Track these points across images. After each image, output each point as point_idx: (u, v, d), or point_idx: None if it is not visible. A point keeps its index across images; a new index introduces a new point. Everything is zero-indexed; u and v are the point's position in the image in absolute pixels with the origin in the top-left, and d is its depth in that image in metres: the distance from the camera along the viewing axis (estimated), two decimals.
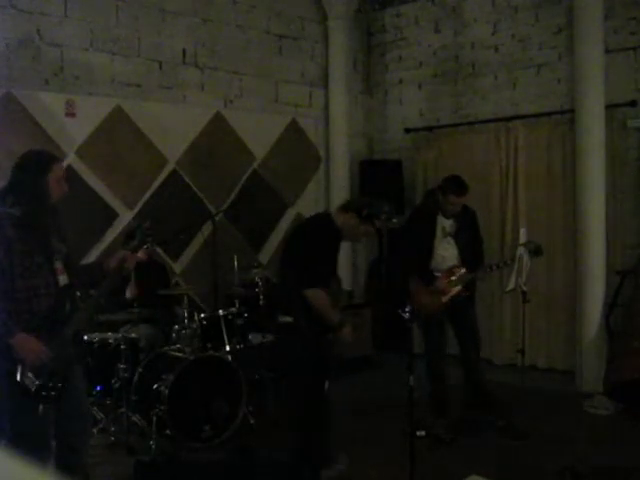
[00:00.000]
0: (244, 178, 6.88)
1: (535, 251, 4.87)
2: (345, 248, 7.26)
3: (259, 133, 6.96)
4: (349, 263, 7.36)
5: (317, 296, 3.77)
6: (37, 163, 3.21)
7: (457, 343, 5.27)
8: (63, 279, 3.22)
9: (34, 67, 5.48)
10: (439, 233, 5.04)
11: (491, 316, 6.82)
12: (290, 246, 4.13)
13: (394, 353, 6.28)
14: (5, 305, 3.04)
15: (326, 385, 3.79)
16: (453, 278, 4.97)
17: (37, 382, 3.06)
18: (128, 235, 5.38)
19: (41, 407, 3.07)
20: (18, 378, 3.02)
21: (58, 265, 3.21)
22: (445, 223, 5.06)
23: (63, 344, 3.16)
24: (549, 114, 6.50)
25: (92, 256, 5.74)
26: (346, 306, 6.82)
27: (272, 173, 7.06)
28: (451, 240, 5.05)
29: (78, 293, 3.43)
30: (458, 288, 5.00)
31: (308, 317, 3.82)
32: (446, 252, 5.03)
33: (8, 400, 3.12)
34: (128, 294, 5.37)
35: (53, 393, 3.10)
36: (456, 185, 4.97)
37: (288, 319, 3.96)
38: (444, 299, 4.98)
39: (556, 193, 6.47)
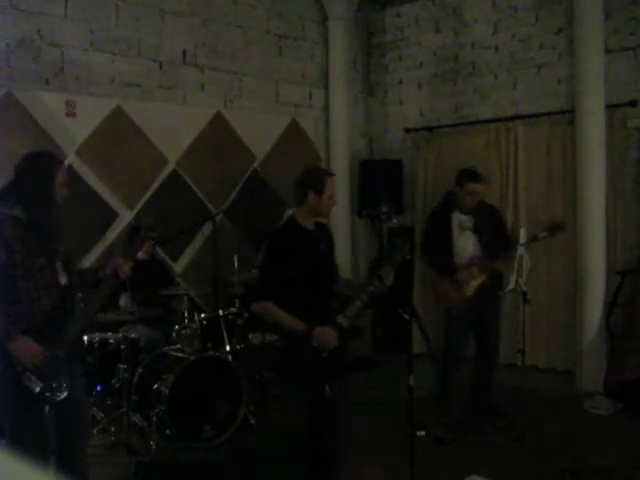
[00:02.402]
0: (244, 178, 6.88)
1: (552, 228, 5.05)
2: (345, 249, 7.27)
3: (259, 133, 6.95)
4: (349, 263, 7.36)
5: (260, 309, 3.57)
6: (44, 165, 3.20)
7: (475, 341, 5.23)
8: (63, 280, 3.22)
9: (34, 67, 5.47)
10: (456, 228, 5.06)
11: None
12: None
13: (394, 353, 6.29)
14: (6, 307, 3.04)
15: (326, 389, 3.47)
16: (474, 268, 4.94)
17: (41, 383, 3.06)
18: (131, 233, 5.39)
19: (47, 408, 3.07)
20: (21, 380, 3.02)
21: (58, 266, 3.21)
22: (462, 218, 5.08)
23: (65, 344, 3.16)
24: (549, 114, 6.50)
25: (92, 256, 5.74)
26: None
27: (272, 173, 7.06)
28: (472, 234, 5.05)
29: (79, 294, 3.43)
30: (481, 278, 4.96)
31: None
32: (466, 245, 5.02)
33: (10, 401, 3.13)
34: (122, 303, 5.19)
35: (57, 393, 3.10)
36: (472, 173, 5.10)
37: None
38: (468, 291, 4.96)
39: (556, 193, 6.47)
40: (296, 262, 3.51)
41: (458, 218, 5.08)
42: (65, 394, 3.13)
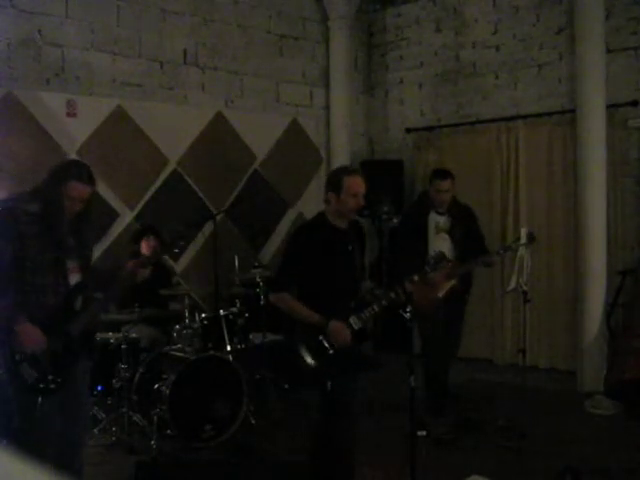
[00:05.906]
0: (245, 178, 6.88)
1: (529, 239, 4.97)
2: None
3: (260, 133, 6.95)
4: None
5: (277, 300, 3.59)
6: (59, 171, 3.25)
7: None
8: (75, 278, 3.25)
9: (35, 67, 5.48)
10: (432, 229, 5.17)
11: (492, 316, 6.82)
12: None
13: (394, 353, 6.29)
14: (14, 297, 3.08)
15: (328, 386, 3.46)
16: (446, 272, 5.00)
17: (36, 374, 3.08)
18: (136, 235, 5.46)
19: (39, 400, 3.08)
20: (18, 369, 3.05)
21: (71, 264, 3.24)
22: (439, 219, 5.19)
23: (67, 341, 3.18)
24: (550, 114, 6.50)
25: (93, 256, 5.72)
26: None
27: (273, 173, 7.06)
28: (446, 236, 5.16)
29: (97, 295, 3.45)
30: (452, 282, 5.10)
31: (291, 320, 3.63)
32: (441, 247, 5.05)
33: (10, 398, 3.14)
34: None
35: (52, 386, 3.12)
36: (439, 170, 5.31)
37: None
38: (440, 293, 5.07)
39: (557, 193, 6.47)
40: (315, 257, 3.54)
41: (435, 219, 5.19)
42: (59, 388, 3.14)
